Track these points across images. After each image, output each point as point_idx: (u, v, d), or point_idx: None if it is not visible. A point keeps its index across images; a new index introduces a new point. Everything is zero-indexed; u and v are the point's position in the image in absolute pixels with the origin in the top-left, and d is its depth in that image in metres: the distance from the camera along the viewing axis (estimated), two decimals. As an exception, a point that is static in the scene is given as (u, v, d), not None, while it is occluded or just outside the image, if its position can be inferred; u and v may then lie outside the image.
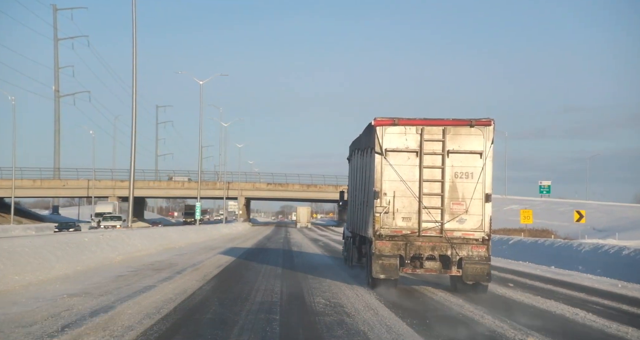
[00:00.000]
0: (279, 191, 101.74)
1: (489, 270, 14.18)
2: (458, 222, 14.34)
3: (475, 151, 14.33)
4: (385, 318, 11.44)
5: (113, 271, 18.72)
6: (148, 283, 15.78)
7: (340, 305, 12.77)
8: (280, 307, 12.60)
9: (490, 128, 14.30)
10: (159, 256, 25.53)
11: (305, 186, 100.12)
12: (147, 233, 34.99)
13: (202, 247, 33.74)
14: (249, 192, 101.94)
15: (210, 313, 11.71)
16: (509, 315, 11.83)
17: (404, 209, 14.52)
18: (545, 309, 12.98)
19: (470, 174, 14.35)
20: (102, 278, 16.77)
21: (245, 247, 34.10)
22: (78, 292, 13.92)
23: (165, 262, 22.59)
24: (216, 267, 20.97)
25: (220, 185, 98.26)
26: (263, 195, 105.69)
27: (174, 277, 17.23)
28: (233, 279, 17.47)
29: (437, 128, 14.49)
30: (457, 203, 14.36)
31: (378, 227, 14.52)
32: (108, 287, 14.96)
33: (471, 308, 12.77)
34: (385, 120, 14.62)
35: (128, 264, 21.21)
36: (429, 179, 14.47)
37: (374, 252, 14.56)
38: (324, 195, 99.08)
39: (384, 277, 14.49)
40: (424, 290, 15.71)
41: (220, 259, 24.84)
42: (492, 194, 14.34)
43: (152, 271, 18.95)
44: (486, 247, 14.25)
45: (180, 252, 28.24)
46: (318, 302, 13.26)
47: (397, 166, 14.49)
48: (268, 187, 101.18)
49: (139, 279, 16.67)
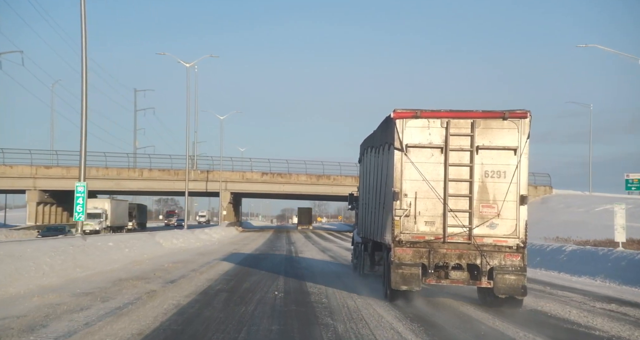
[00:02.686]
0: (278, 184, 75.61)
1: (524, 282, 12.49)
2: (489, 227, 12.67)
3: (508, 147, 12.65)
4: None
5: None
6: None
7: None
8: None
9: (526, 121, 12.61)
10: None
11: (314, 177, 74.62)
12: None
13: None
14: (237, 184, 75.76)
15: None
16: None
17: (426, 212, 12.90)
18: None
19: (502, 172, 12.67)
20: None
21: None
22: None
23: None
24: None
25: (196, 175, 73.09)
26: (256, 189, 77.85)
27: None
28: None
29: (464, 121, 12.84)
30: (487, 205, 12.69)
31: (398, 232, 12.92)
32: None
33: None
34: (406, 112, 13.00)
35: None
36: (456, 178, 12.83)
37: (393, 260, 12.96)
38: (340, 189, 68.97)
39: (405, 288, 12.87)
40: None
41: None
42: (527, 195, 12.65)
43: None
44: (521, 255, 12.57)
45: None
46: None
47: (420, 164, 12.88)
48: (263, 179, 75.12)
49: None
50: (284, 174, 75.87)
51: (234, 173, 76.18)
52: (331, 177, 75.25)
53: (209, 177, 75.10)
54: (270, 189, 77.50)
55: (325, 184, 75.01)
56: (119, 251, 24.86)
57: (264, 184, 76.39)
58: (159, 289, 15.48)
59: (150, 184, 73.12)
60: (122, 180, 71.97)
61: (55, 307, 12.37)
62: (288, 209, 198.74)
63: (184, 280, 17.63)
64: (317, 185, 75.45)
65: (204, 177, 75.30)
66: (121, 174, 71.90)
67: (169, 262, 23.66)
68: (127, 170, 72.28)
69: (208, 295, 14.66)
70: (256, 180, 76.00)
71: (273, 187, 76.76)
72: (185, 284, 16.72)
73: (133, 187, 73.95)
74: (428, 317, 11.93)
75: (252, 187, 77.79)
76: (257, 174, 75.99)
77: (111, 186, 72.02)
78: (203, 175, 75.47)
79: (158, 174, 73.10)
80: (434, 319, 11.82)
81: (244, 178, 76.05)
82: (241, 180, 75.99)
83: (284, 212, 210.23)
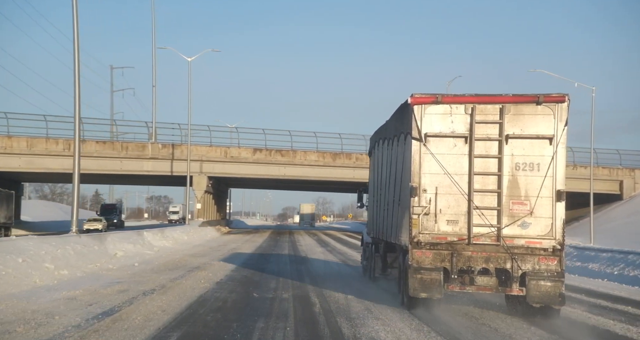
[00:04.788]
0: (277, 165, 54.04)
1: (562, 290, 10.98)
2: (520, 226, 11.17)
3: (543, 136, 11.14)
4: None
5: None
6: None
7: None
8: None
9: (563, 106, 11.09)
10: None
11: (329, 156, 54.24)
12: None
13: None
14: (218, 165, 53.71)
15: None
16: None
17: (449, 210, 11.41)
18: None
19: (536, 165, 11.16)
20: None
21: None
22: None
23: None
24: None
25: (155, 151, 51.58)
26: (246, 172, 54.65)
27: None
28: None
29: (492, 106, 11.33)
30: (518, 202, 11.19)
31: (416, 232, 11.44)
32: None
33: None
34: (425, 96, 11.50)
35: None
36: (482, 171, 11.33)
37: (410, 263, 11.49)
38: (366, 173, 21.90)
39: (425, 296, 11.39)
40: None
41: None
42: (565, 190, 11.13)
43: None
44: (558, 259, 11.06)
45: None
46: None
47: (441, 155, 11.40)
48: (256, 157, 53.71)
49: None
50: (286, 150, 54.41)
51: (213, 148, 53.79)
52: (352, 155, 53.66)
53: (175, 153, 52.51)
54: (266, 172, 54.86)
55: (344, 165, 53.88)
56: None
57: (257, 166, 54.07)
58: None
59: (83, 163, 41.41)
60: (35, 156, 48.99)
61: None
62: (290, 208, 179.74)
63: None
64: (333, 167, 54.26)
65: (167, 153, 52.47)
66: (35, 147, 49.05)
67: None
68: (45, 141, 49.26)
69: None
70: (245, 160, 53.77)
71: (270, 169, 54.62)
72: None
73: (54, 167, 49.51)
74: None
75: (239, 169, 54.49)
76: (247, 151, 53.91)
77: (18, 165, 49.58)
78: (166, 151, 52.43)
79: (95, 147, 50.61)
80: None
81: (227, 156, 53.74)
82: (224, 158, 53.81)
83: (286, 210, 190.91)
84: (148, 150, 52.08)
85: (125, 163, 52.21)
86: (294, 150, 55.09)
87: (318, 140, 56.03)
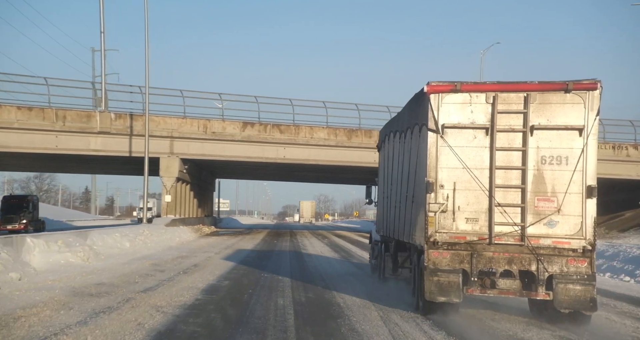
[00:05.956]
0: (273, 145, 41.80)
1: (593, 294, 10.10)
2: (546, 225, 10.30)
3: (572, 126, 10.23)
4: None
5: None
6: None
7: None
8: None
9: (595, 93, 10.18)
10: None
11: (342, 133, 42.10)
12: None
13: None
14: (195, 144, 40.77)
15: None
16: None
17: (468, 207, 10.55)
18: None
19: (564, 158, 10.27)
20: None
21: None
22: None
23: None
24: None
25: (105, 122, 38.12)
26: (232, 153, 41.92)
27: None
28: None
29: (516, 95, 10.44)
30: (544, 199, 10.31)
31: (432, 231, 10.59)
32: None
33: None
34: (442, 85, 10.62)
35: None
36: (505, 165, 10.46)
37: (426, 265, 10.64)
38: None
39: (443, 300, 10.53)
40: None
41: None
42: (596, 186, 10.25)
43: None
44: (589, 260, 10.19)
45: None
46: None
47: (459, 148, 10.53)
48: (246, 134, 41.19)
49: None
50: (287, 125, 41.86)
51: (188, 121, 40.03)
52: (374, 133, 39.91)
53: (135, 127, 38.40)
54: (260, 154, 41.99)
55: (362, 145, 40.79)
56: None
57: (248, 146, 41.28)
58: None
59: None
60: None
61: None
62: (290, 206, 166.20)
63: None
64: (348, 148, 41.78)
65: (123, 126, 38.40)
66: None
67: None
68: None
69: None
70: (232, 137, 40.86)
71: (265, 150, 41.82)
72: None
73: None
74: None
75: (224, 150, 41.21)
76: (235, 125, 40.97)
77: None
78: (122, 123, 38.42)
79: (17, 115, 36.84)
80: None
81: (207, 131, 40.50)
82: (202, 135, 40.49)
83: (286, 208, 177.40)
84: (95, 122, 37.62)
85: (63, 139, 37.90)
86: (297, 125, 42.11)
87: (329, 113, 42.27)
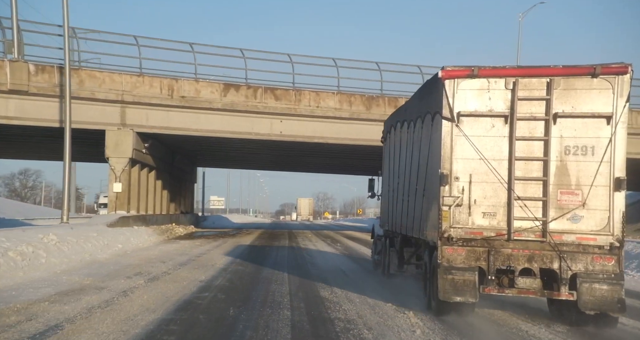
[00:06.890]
0: (266, 116, 31.33)
1: (621, 294, 9.40)
2: (570, 220, 9.60)
3: (599, 114, 9.51)
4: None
5: None
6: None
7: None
8: None
9: (625, 78, 9.43)
10: None
11: (359, 101, 31.94)
12: None
13: None
14: (157, 113, 30.12)
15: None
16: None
17: (485, 201, 9.85)
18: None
19: (590, 148, 9.56)
20: None
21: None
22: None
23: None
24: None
25: (22, 77, 27.11)
26: (210, 126, 31.16)
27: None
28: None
29: (538, 80, 9.71)
30: (568, 192, 9.61)
31: (446, 226, 9.89)
32: None
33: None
34: (458, 69, 9.89)
35: None
36: (525, 156, 9.76)
37: (440, 262, 9.95)
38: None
39: (459, 299, 9.84)
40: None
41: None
42: (625, 178, 9.54)
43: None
44: (616, 258, 9.49)
45: None
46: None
47: (476, 138, 9.82)
48: (229, 100, 30.78)
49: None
50: (284, 89, 31.83)
51: (147, 80, 29.92)
52: (399, 101, 30.06)
53: (68, 86, 26.12)
54: (248, 128, 31.80)
55: (385, 118, 17.10)
56: None
57: (231, 116, 31.27)
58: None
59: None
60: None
61: None
62: (287, 204, 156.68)
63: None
64: (366, 122, 31.66)
65: (49, 84, 28.33)
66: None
67: None
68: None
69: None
70: (209, 104, 30.89)
71: (254, 124, 31.69)
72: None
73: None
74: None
75: (198, 122, 31.13)
76: (213, 87, 30.86)
77: None
78: (47, 79, 28.34)
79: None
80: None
81: (174, 95, 30.36)
82: (167, 100, 30.41)
83: (283, 207, 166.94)
84: (4, 75, 27.10)
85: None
86: (299, 89, 31.61)
87: (341, 73, 31.85)
